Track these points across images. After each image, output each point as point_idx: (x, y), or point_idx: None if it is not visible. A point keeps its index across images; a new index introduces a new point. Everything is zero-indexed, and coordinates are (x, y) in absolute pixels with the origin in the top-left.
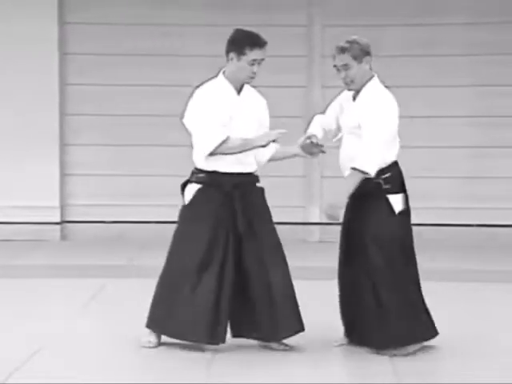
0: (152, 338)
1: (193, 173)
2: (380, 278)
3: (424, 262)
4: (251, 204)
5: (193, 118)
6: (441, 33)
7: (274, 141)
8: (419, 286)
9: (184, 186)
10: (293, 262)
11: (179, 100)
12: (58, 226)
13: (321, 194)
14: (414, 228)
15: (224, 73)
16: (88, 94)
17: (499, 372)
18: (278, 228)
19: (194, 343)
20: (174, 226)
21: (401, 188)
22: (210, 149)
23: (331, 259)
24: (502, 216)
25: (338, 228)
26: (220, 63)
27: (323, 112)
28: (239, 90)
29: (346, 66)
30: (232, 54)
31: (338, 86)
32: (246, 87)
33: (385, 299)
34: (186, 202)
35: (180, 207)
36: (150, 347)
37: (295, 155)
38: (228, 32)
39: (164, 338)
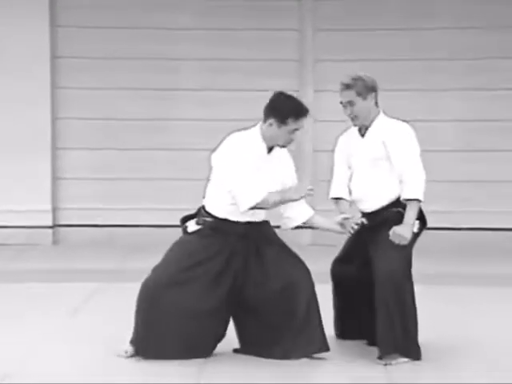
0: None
1: (200, 214)
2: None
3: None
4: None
5: (228, 165)
6: (430, 37)
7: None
8: None
9: (185, 220)
10: None
11: (170, 104)
12: (49, 230)
13: (312, 199)
14: None
15: (261, 129)
16: (80, 98)
17: (496, 375)
18: None
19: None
20: (166, 229)
21: (419, 215)
22: (252, 204)
23: (323, 262)
24: (489, 220)
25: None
26: (210, 67)
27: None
28: (270, 149)
29: (350, 103)
30: (272, 120)
31: (330, 90)
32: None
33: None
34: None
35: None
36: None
37: (328, 230)
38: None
39: None
